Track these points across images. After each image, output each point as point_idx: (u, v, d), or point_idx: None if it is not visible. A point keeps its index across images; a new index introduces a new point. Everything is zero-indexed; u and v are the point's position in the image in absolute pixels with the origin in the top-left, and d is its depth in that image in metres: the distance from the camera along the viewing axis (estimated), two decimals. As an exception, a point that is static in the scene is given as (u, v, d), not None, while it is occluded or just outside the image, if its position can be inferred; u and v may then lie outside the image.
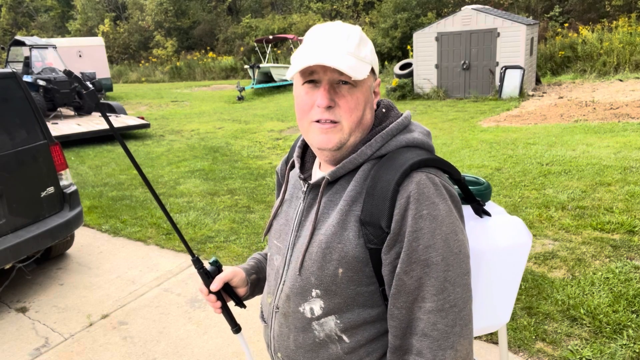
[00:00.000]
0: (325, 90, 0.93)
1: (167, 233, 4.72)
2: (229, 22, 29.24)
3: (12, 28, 35.64)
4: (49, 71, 11.58)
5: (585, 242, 3.86)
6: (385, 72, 18.80)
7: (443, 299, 0.89)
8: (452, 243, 0.90)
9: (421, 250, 0.89)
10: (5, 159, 3.38)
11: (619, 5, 17.34)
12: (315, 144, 0.98)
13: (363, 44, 0.96)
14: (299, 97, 0.98)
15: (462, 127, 8.98)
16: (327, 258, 0.95)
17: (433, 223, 0.89)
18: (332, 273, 0.95)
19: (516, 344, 2.68)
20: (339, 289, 0.96)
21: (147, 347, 2.93)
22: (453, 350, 0.90)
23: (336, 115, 0.94)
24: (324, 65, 0.90)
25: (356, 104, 0.95)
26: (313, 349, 1.01)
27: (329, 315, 0.98)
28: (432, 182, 0.91)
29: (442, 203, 0.91)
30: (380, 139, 0.98)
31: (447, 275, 0.89)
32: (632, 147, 6.41)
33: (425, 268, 0.89)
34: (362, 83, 0.95)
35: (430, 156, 0.96)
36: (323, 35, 0.95)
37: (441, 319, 0.89)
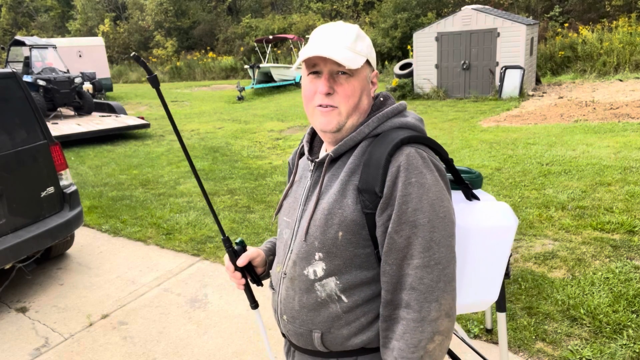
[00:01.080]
0: (325, 79, 1.08)
1: (167, 233, 4.72)
2: (229, 22, 29.24)
3: (12, 28, 35.64)
4: (49, 71, 11.58)
5: (585, 242, 3.86)
6: (385, 72, 18.80)
7: (429, 257, 1.01)
8: (437, 208, 1.02)
9: (410, 212, 1.01)
10: (5, 159, 3.38)
11: (619, 5, 17.34)
12: (318, 126, 1.13)
13: (360, 40, 1.11)
14: (305, 86, 1.14)
15: (462, 127, 8.98)
16: (328, 223, 1.08)
17: (420, 189, 1.02)
18: (333, 236, 1.08)
19: (516, 344, 2.68)
20: (338, 251, 1.08)
21: (147, 347, 2.93)
22: (437, 303, 1.01)
23: (335, 100, 1.09)
24: (323, 57, 1.05)
25: (353, 91, 1.09)
26: (315, 308, 1.12)
27: (330, 277, 1.10)
28: (420, 155, 1.05)
29: (429, 173, 1.04)
30: (377, 119, 1.12)
31: (432, 235, 1.01)
32: (632, 147, 6.41)
33: (413, 228, 1.01)
34: (358, 73, 1.09)
35: (420, 135, 1.10)
36: (325, 32, 1.10)
37: (427, 274, 1.01)
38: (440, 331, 1.01)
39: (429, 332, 1.01)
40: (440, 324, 1.01)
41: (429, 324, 1.00)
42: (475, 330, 2.83)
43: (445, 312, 1.02)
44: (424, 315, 1.00)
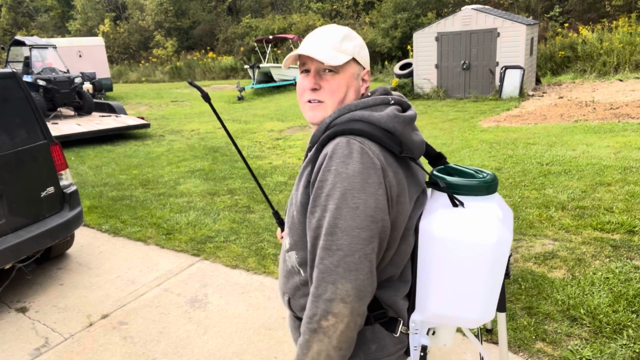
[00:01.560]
0: (311, 76, 1.18)
1: (167, 233, 4.72)
2: (229, 22, 29.24)
3: (12, 28, 35.63)
4: (49, 71, 11.57)
5: (585, 242, 3.86)
6: (385, 72, 18.80)
7: (331, 241, 1.06)
8: (349, 197, 1.05)
9: (323, 197, 1.08)
10: (5, 159, 3.38)
11: (619, 5, 17.34)
12: (308, 120, 1.23)
13: (347, 40, 1.19)
14: (297, 84, 1.24)
15: (462, 127, 8.98)
16: (291, 202, 1.24)
17: (336, 177, 1.07)
18: (292, 215, 1.21)
19: (516, 344, 2.69)
20: (294, 229, 1.21)
21: (147, 347, 2.93)
22: (333, 286, 1.05)
23: (321, 96, 1.18)
24: (307, 55, 1.15)
25: (338, 87, 1.17)
26: (287, 275, 1.28)
27: (292, 250, 1.23)
28: (349, 145, 1.09)
29: (352, 164, 1.07)
30: (339, 110, 1.17)
31: (337, 222, 1.06)
32: (632, 147, 6.41)
33: (324, 212, 1.07)
34: (343, 70, 1.17)
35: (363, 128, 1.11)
36: (315, 33, 1.21)
37: (327, 257, 1.06)
38: (334, 313, 1.05)
39: (322, 309, 1.06)
40: (335, 307, 1.05)
41: (323, 302, 1.06)
42: (475, 331, 2.83)
43: (340, 297, 1.05)
44: (320, 293, 1.06)
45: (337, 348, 1.07)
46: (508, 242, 1.17)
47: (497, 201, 1.23)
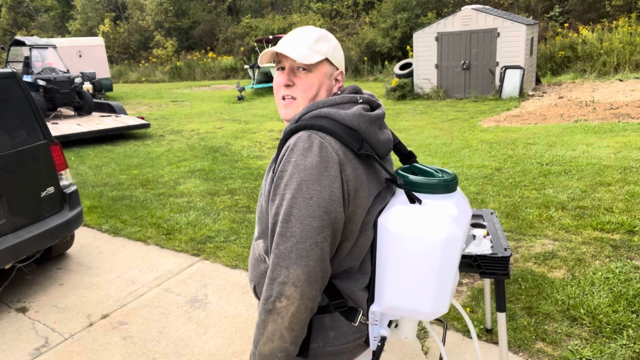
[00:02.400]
0: (285, 73, 1.25)
1: (167, 233, 4.72)
2: (229, 22, 29.23)
3: (12, 28, 35.63)
4: (49, 71, 11.57)
5: (585, 242, 3.87)
6: (385, 72, 18.79)
7: (286, 228, 1.13)
8: (305, 188, 1.12)
9: (281, 186, 1.15)
10: (5, 159, 3.38)
11: (619, 5, 17.34)
12: (281, 116, 1.29)
13: (322, 41, 1.25)
14: (274, 81, 1.30)
15: (462, 127, 8.98)
16: (261, 193, 1.30)
17: (295, 169, 1.13)
18: (260, 205, 1.30)
19: (516, 344, 2.69)
20: (262, 217, 1.28)
21: (147, 347, 2.93)
22: (286, 270, 1.12)
23: (294, 92, 1.24)
24: (282, 53, 1.21)
25: (310, 85, 1.23)
26: (254, 263, 1.35)
27: (260, 239, 1.31)
28: (309, 139, 1.15)
29: (311, 157, 1.13)
30: (307, 107, 1.23)
31: (292, 210, 1.12)
32: (632, 147, 6.41)
33: (282, 200, 1.14)
34: (316, 69, 1.24)
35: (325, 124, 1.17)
36: (292, 34, 1.27)
37: (282, 243, 1.13)
38: (287, 295, 1.12)
39: (276, 291, 1.13)
40: (287, 289, 1.12)
41: (277, 285, 1.13)
42: (475, 331, 2.83)
43: (292, 281, 1.12)
44: (275, 276, 1.14)
45: (290, 329, 1.14)
46: (459, 240, 1.20)
47: (456, 200, 1.27)
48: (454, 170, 6.14)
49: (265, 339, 1.17)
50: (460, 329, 2.88)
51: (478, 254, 1.99)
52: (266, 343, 1.17)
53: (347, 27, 23.49)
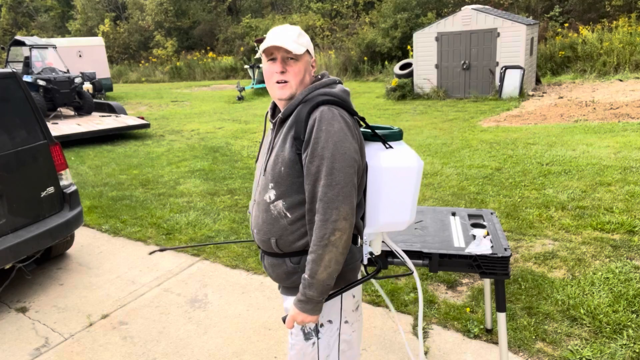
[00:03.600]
0: (279, 63, 1.56)
1: (167, 233, 4.72)
2: (229, 22, 29.22)
3: (12, 28, 35.61)
4: (49, 71, 11.57)
5: (585, 242, 3.87)
6: (385, 72, 18.79)
7: (331, 179, 1.46)
8: (339, 147, 1.47)
9: (319, 149, 1.47)
10: (5, 159, 3.38)
11: (619, 5, 17.33)
12: (276, 96, 1.59)
13: (301, 36, 1.57)
14: (265, 70, 1.60)
15: (462, 127, 8.98)
16: (276, 161, 1.57)
17: (327, 134, 1.47)
18: (279, 170, 1.56)
19: (516, 344, 2.69)
20: (282, 181, 1.56)
21: (147, 347, 2.93)
22: (337, 210, 1.46)
23: (287, 77, 1.56)
24: (278, 46, 1.52)
25: (299, 71, 1.56)
26: (271, 222, 1.61)
27: (279, 200, 1.58)
28: (330, 111, 1.51)
29: (336, 124, 1.49)
30: (307, 90, 1.57)
31: (334, 165, 1.46)
32: (632, 147, 6.41)
33: (321, 160, 1.47)
34: (301, 58, 1.56)
35: (334, 99, 1.54)
36: (277, 31, 1.56)
37: (330, 191, 1.46)
38: (339, 229, 1.47)
39: (330, 229, 1.46)
40: (340, 224, 1.47)
41: (331, 224, 1.46)
42: (475, 330, 2.83)
43: (343, 216, 1.47)
44: (327, 217, 1.46)
45: (342, 254, 1.50)
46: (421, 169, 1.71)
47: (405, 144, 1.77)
48: (454, 170, 6.14)
49: (322, 268, 1.48)
50: (460, 329, 2.88)
51: (478, 254, 1.99)
52: (324, 270, 1.49)
53: (347, 27, 23.49)
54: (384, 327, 2.97)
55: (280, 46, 1.51)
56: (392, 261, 2.10)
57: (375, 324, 3.01)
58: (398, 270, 3.61)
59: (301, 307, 1.54)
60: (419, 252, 2.06)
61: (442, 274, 3.48)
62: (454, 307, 3.09)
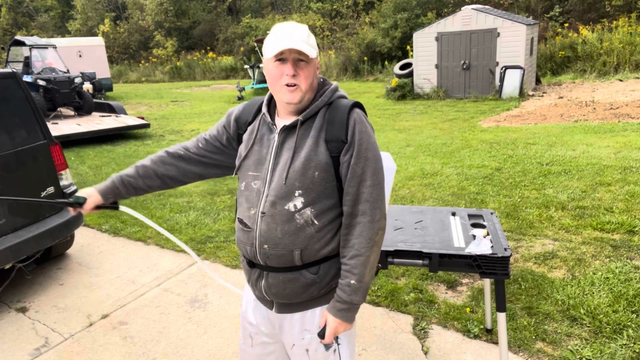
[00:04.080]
0: (291, 65, 1.44)
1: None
2: (229, 22, 29.22)
3: (12, 28, 35.62)
4: (49, 71, 11.57)
5: (585, 242, 3.87)
6: (385, 72, 18.78)
7: (376, 178, 1.47)
8: (376, 147, 1.51)
9: (363, 150, 1.46)
10: (5, 159, 3.38)
11: (619, 5, 17.33)
12: (286, 100, 1.48)
13: (310, 37, 1.48)
14: (271, 70, 1.48)
15: (462, 127, 8.98)
16: (307, 167, 1.46)
17: (367, 136, 1.48)
18: (311, 176, 1.46)
19: (516, 344, 2.69)
20: (314, 187, 1.47)
21: (147, 347, 2.93)
22: (380, 210, 1.49)
23: (298, 81, 1.45)
24: (293, 48, 1.41)
25: (309, 74, 1.46)
26: (295, 232, 1.48)
27: (307, 207, 1.48)
28: (362, 114, 1.54)
29: (368, 125, 1.53)
30: (329, 93, 1.54)
31: (377, 165, 1.48)
32: (632, 147, 6.41)
33: (365, 161, 1.46)
34: (312, 61, 1.47)
35: (358, 102, 1.56)
36: (286, 30, 1.44)
37: (375, 190, 1.47)
38: (381, 227, 1.50)
39: (376, 229, 1.47)
40: (382, 223, 1.50)
41: (376, 223, 1.47)
42: (475, 330, 2.83)
43: (383, 215, 1.50)
44: (374, 218, 1.47)
45: (379, 251, 1.53)
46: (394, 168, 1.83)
47: None
48: (454, 170, 6.14)
49: (368, 270, 1.48)
50: (460, 329, 2.88)
51: (478, 254, 1.99)
52: (369, 272, 1.49)
53: (347, 27, 23.49)
54: (384, 327, 2.97)
55: (297, 49, 1.41)
56: (392, 261, 2.11)
57: (375, 324, 3.01)
58: (398, 270, 3.61)
59: (343, 315, 1.49)
60: (419, 252, 2.06)
61: (442, 274, 3.48)
62: (454, 307, 3.09)
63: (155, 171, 1.71)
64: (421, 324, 2.95)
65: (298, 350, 1.61)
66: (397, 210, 2.60)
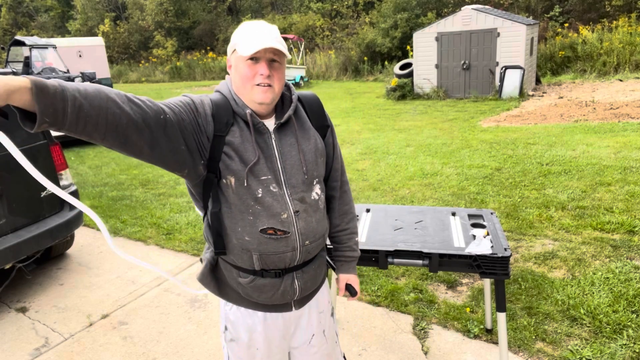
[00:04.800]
0: (265, 65, 1.40)
1: (167, 233, 4.72)
2: (229, 22, 29.23)
3: (12, 28, 35.62)
4: (49, 71, 11.56)
5: (585, 242, 3.86)
6: (385, 72, 18.78)
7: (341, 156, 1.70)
8: None
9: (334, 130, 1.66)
10: (5, 159, 3.38)
11: (619, 5, 17.34)
12: (259, 100, 1.43)
13: (280, 36, 1.45)
14: (243, 69, 1.43)
15: (462, 127, 8.98)
16: (315, 155, 1.54)
17: None
18: (320, 163, 1.56)
19: (516, 344, 2.69)
20: (321, 171, 1.57)
21: (147, 347, 2.93)
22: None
23: (272, 81, 1.42)
24: (268, 47, 1.37)
25: (282, 75, 1.46)
26: (322, 218, 1.57)
27: (322, 192, 1.57)
28: None
29: None
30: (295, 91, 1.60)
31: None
32: (632, 147, 6.41)
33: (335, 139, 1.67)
34: (283, 62, 1.45)
35: None
36: (260, 29, 1.42)
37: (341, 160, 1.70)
38: None
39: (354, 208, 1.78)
40: None
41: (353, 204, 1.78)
42: (475, 330, 2.83)
43: None
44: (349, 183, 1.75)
45: None
46: None
47: None
48: (454, 170, 6.14)
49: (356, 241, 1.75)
50: (460, 329, 2.88)
51: (478, 254, 1.99)
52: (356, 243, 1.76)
53: (347, 27, 23.49)
54: (384, 327, 2.97)
55: (274, 48, 1.37)
56: (392, 261, 2.11)
57: (375, 324, 3.01)
58: (398, 270, 3.61)
59: (355, 268, 1.75)
60: (419, 252, 2.06)
61: (442, 274, 3.48)
62: (454, 307, 3.09)
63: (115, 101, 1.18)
64: (421, 324, 2.95)
65: (318, 337, 1.67)
66: (397, 210, 2.60)
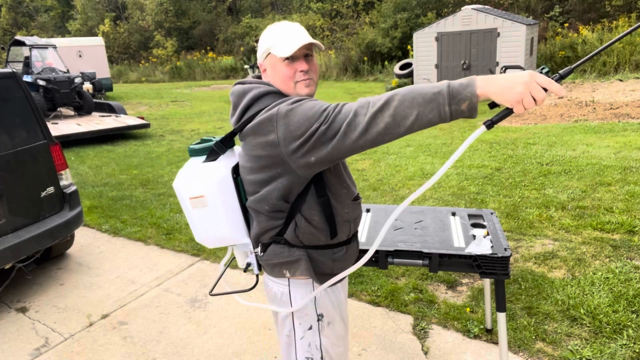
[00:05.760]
0: (303, 61, 1.51)
1: (167, 233, 4.72)
2: (229, 22, 29.22)
3: (12, 28, 35.62)
4: (49, 71, 11.56)
5: (585, 242, 3.86)
6: (385, 72, 18.78)
7: None
8: None
9: None
10: (5, 159, 3.38)
11: (619, 5, 17.33)
12: (304, 94, 1.52)
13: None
14: (282, 69, 1.51)
15: (462, 127, 8.98)
16: None
17: None
18: None
19: (516, 344, 2.68)
20: None
21: (147, 347, 2.93)
22: None
23: (310, 74, 1.53)
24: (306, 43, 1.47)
25: (316, 65, 1.57)
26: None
27: None
28: None
29: None
30: None
31: None
32: (632, 147, 6.41)
33: None
34: (314, 53, 1.56)
35: None
36: (290, 28, 1.53)
37: None
38: None
39: None
40: None
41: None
42: (475, 330, 2.83)
43: None
44: None
45: None
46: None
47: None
48: (454, 170, 6.14)
49: None
50: (460, 329, 2.88)
51: (478, 254, 1.99)
52: None
53: (347, 27, 23.49)
54: (384, 327, 2.97)
55: (312, 42, 1.49)
56: (392, 261, 2.11)
57: (375, 324, 3.01)
58: (398, 270, 3.61)
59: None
60: (419, 252, 2.06)
61: (442, 274, 3.48)
62: (454, 307, 3.09)
63: None
64: (421, 324, 2.95)
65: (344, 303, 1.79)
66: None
